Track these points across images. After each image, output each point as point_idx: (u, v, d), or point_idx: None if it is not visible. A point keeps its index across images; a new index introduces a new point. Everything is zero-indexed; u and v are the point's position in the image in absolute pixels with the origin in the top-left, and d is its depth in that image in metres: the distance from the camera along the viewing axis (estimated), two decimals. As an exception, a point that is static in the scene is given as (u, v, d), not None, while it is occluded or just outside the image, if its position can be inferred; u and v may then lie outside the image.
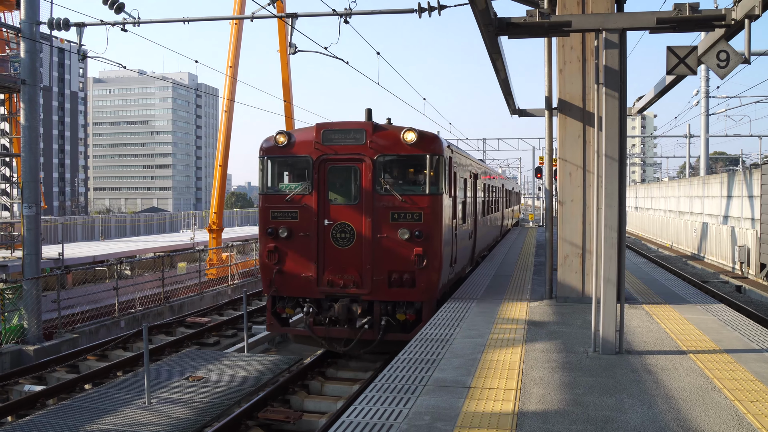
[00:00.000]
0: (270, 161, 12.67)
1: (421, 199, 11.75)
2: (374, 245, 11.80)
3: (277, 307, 12.64)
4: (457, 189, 13.64)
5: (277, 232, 12.28)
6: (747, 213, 28.53)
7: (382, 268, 11.79)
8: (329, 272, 12.09)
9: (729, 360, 8.16)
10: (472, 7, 9.31)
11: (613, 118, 8.47)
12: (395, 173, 12.18)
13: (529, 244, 26.75)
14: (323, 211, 12.14)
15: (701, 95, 45.59)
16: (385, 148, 11.90)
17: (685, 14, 8.22)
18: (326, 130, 12.17)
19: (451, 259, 13.10)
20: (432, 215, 11.69)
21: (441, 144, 12.13)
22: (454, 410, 6.33)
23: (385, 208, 11.78)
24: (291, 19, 17.48)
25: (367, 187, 11.86)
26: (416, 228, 11.61)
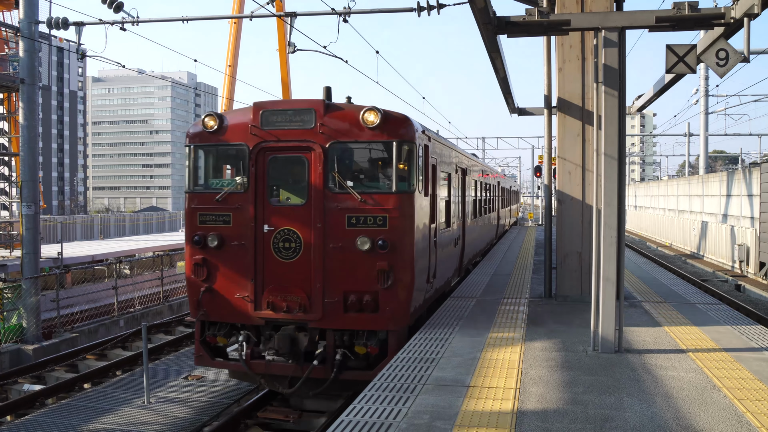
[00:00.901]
0: (197, 151, 10.27)
1: (387, 198, 9.35)
2: (326, 258, 9.39)
3: (207, 335, 10.06)
4: (437, 186, 11.29)
5: (206, 240, 9.82)
6: (746, 212, 28.55)
7: (336, 288, 9.37)
8: (270, 292, 9.61)
9: (728, 359, 8.17)
10: (471, 5, 9.30)
11: (613, 117, 8.47)
12: (353, 165, 9.83)
13: (529, 243, 26.75)
14: (262, 214, 9.68)
15: (700, 94, 45.61)
16: (340, 133, 9.45)
17: (684, 13, 8.22)
18: (266, 110, 9.71)
19: (429, 273, 10.65)
20: (401, 219, 9.34)
21: (412, 128, 9.68)
22: (453, 409, 6.33)
23: (339, 210, 9.38)
24: (290, 18, 17.48)
25: (316, 184, 9.46)
26: (380, 236, 9.22)
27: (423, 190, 9.99)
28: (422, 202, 9.96)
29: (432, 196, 10.75)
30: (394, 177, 9.40)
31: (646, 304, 12.00)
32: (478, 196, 18.75)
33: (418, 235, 9.74)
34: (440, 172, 11.77)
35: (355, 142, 9.55)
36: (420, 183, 9.83)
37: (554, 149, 13.43)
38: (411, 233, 9.46)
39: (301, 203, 9.62)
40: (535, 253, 22.04)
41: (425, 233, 10.24)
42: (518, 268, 17.63)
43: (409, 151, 9.53)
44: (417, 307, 10.14)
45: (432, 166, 10.84)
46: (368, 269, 9.26)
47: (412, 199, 9.49)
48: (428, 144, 10.51)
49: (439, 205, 11.62)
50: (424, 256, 10.21)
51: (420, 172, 9.88)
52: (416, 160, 9.65)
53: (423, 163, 10.09)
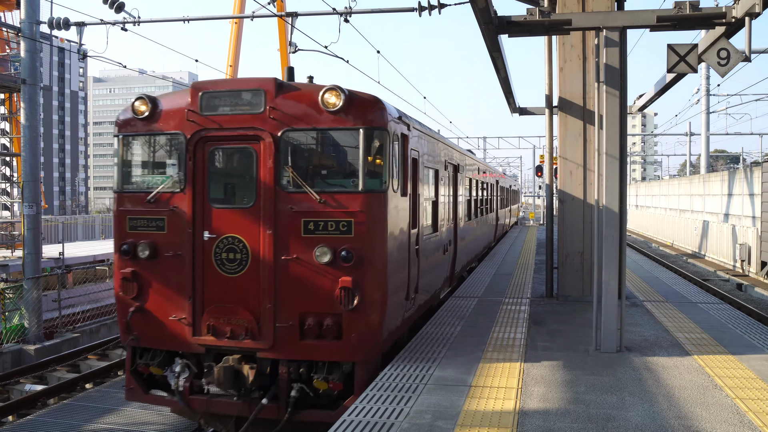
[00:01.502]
0: (127, 142, 8.70)
1: (352, 199, 7.72)
2: (278, 273, 7.79)
3: (139, 364, 8.45)
4: (419, 184, 9.68)
5: (136, 249, 8.28)
6: (748, 211, 28.53)
7: (290, 309, 7.77)
8: (211, 314, 8.02)
9: (730, 358, 8.16)
10: (472, 5, 9.30)
11: (614, 116, 8.47)
12: (311, 158, 8.21)
13: (530, 242, 26.75)
14: (202, 218, 8.09)
15: (702, 93, 45.58)
16: (296, 119, 7.88)
17: (685, 12, 8.22)
18: (206, 92, 8.15)
19: (408, 288, 9.01)
20: (369, 224, 7.73)
21: (384, 113, 8.06)
22: (455, 408, 6.33)
23: (294, 213, 7.77)
24: (291, 18, 17.49)
25: (266, 181, 7.89)
26: (343, 245, 7.61)
27: (400, 188, 8.51)
28: (398, 203, 8.43)
29: (412, 195, 9.24)
30: (361, 172, 7.76)
31: (648, 304, 12.00)
32: (473, 196, 17.35)
33: (393, 244, 8.19)
34: (424, 167, 10.27)
35: (314, 130, 7.95)
36: (395, 180, 8.30)
37: (555, 149, 13.43)
38: (383, 241, 7.89)
39: (248, 205, 8.01)
40: (536, 252, 22.04)
41: (403, 241, 8.69)
42: (520, 267, 17.63)
43: (380, 141, 7.99)
44: (392, 331, 8.43)
45: (412, 160, 9.33)
46: (329, 286, 7.66)
47: (384, 200, 7.92)
48: (407, 134, 8.97)
49: (423, 207, 10.12)
50: (401, 268, 8.62)
51: (395, 166, 8.33)
52: (390, 152, 8.09)
53: (400, 156, 8.60)
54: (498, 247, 24.27)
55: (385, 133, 7.99)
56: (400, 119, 8.67)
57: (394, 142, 8.24)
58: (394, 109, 8.59)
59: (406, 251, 8.86)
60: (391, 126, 8.18)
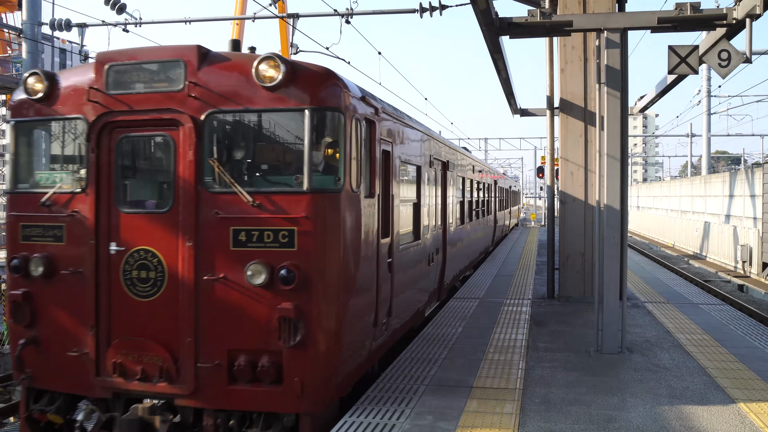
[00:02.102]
0: (20, 129, 7.00)
1: (296, 201, 6.07)
2: (200, 297, 6.16)
3: (33, 410, 6.71)
4: (392, 182, 8.06)
5: (28, 265, 6.61)
6: (749, 212, 28.52)
7: (216, 345, 6.13)
8: (118, 349, 6.32)
9: (731, 359, 8.17)
10: (473, 7, 9.31)
11: (615, 118, 8.48)
12: (243, 149, 6.53)
13: (531, 244, 26.76)
14: (108, 226, 6.42)
15: (703, 94, 45.59)
16: (224, 98, 6.24)
17: (686, 14, 8.23)
18: (114, 65, 6.43)
19: (377, 313, 7.37)
20: (319, 234, 6.08)
21: (338, 90, 6.34)
22: (457, 410, 6.34)
23: (221, 220, 6.13)
24: (292, 20, 17.52)
25: (186, 178, 6.22)
26: (283, 261, 5.99)
27: (364, 188, 6.85)
28: (361, 206, 6.75)
29: (383, 197, 7.66)
30: (307, 167, 6.05)
31: (649, 305, 12.00)
32: (468, 197, 16.03)
33: (352, 258, 6.55)
34: (401, 163, 8.67)
35: (246, 111, 6.29)
36: (356, 177, 6.57)
37: (557, 150, 13.44)
38: (336, 255, 6.20)
39: (163, 210, 6.35)
40: (537, 254, 22.05)
41: (368, 253, 7.04)
42: (521, 268, 17.64)
43: (333, 126, 6.31)
44: (353, 370, 6.78)
45: (383, 153, 7.67)
46: (265, 315, 6.00)
47: (338, 202, 6.22)
48: (374, 119, 7.25)
49: (399, 211, 8.49)
50: (365, 288, 6.98)
51: (358, 159, 6.63)
52: (348, 141, 6.38)
53: (365, 147, 6.98)
54: (498, 249, 24.27)
55: (339, 115, 6.29)
56: (363, 100, 6.95)
57: (354, 128, 6.56)
58: (356, 86, 6.92)
59: (372, 266, 7.22)
60: (350, 107, 6.49)
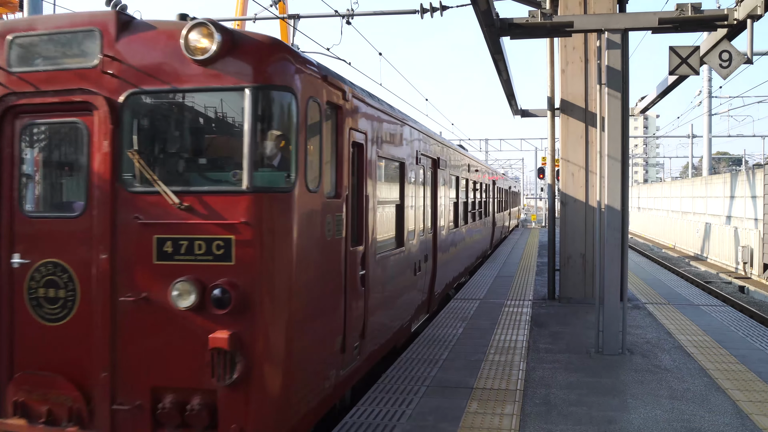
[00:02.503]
0: None
1: (233, 202, 4.98)
2: (118, 322, 5.10)
3: None
4: (367, 181, 7.00)
5: None
6: (750, 213, 28.49)
7: (137, 381, 5.08)
8: (20, 384, 5.30)
9: (732, 360, 8.16)
10: (474, 8, 9.32)
11: (616, 119, 8.47)
12: (170, 138, 5.35)
13: (532, 245, 26.75)
14: (10, 233, 5.39)
15: (704, 95, 45.57)
16: (147, 76, 5.13)
17: (687, 14, 8.23)
18: (18, 36, 5.36)
19: (346, 336, 6.33)
20: (264, 243, 4.99)
21: (288, 65, 5.24)
22: (458, 411, 6.33)
23: (143, 227, 5.07)
24: (293, 20, 17.52)
25: (101, 175, 5.14)
26: (217, 279, 4.94)
27: (328, 186, 5.87)
28: (322, 208, 5.67)
29: (355, 198, 6.69)
30: (248, 160, 4.90)
31: (650, 306, 12.00)
32: (462, 198, 15.22)
33: (308, 272, 5.44)
34: (380, 158, 7.65)
35: (174, 91, 5.14)
36: (316, 173, 5.52)
37: (557, 151, 13.44)
38: (286, 270, 5.11)
39: (75, 214, 5.26)
40: (538, 255, 22.05)
41: (333, 266, 5.97)
42: (521, 270, 17.64)
43: (283, 109, 5.19)
44: (312, 409, 5.68)
45: (355, 145, 6.63)
46: (196, 346, 4.89)
47: (289, 204, 5.12)
48: (342, 105, 6.19)
49: (376, 214, 7.42)
50: (328, 309, 5.88)
51: (318, 152, 5.60)
52: (303, 129, 5.24)
53: (329, 138, 5.93)
54: (498, 251, 24.26)
55: (289, 96, 5.14)
56: (326, 80, 5.77)
57: (312, 113, 5.47)
58: (316, 62, 5.75)
59: (338, 280, 6.14)
60: (306, 87, 5.34)
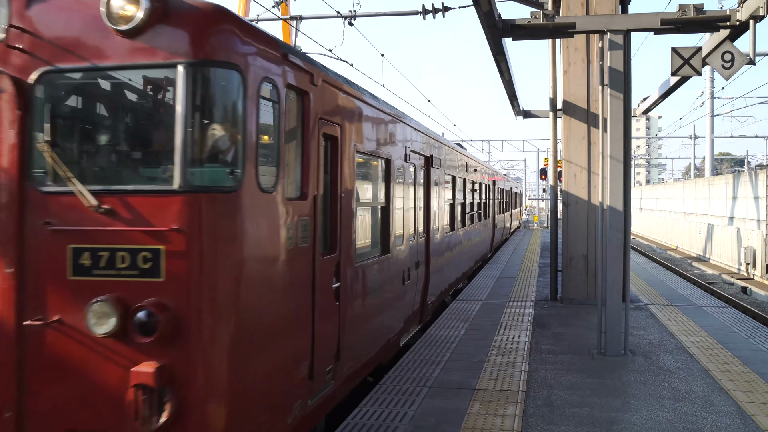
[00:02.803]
0: None
1: (163, 205, 4.14)
2: (25, 351, 4.28)
3: None
4: (341, 179, 6.13)
5: None
6: (753, 214, 28.45)
7: (48, 422, 4.26)
8: None
9: (735, 362, 8.15)
10: (476, 9, 9.32)
11: (618, 120, 8.47)
12: (89, 126, 4.64)
13: (534, 246, 26.74)
14: None
15: (706, 96, 45.49)
16: (62, 50, 4.26)
17: (689, 15, 8.23)
18: None
19: (314, 361, 5.47)
20: (202, 255, 4.14)
21: (234, 36, 4.37)
22: (460, 412, 6.33)
23: (54, 234, 4.23)
24: (296, 22, 17.54)
25: (6, 170, 4.32)
26: (143, 298, 4.09)
27: (290, 186, 5.02)
28: (281, 211, 4.80)
29: (328, 199, 5.87)
30: (181, 152, 4.06)
31: (652, 307, 11.98)
32: (460, 199, 14.56)
33: (261, 289, 4.56)
34: (359, 154, 6.79)
35: (94, 69, 4.27)
36: (274, 170, 4.70)
37: (560, 152, 13.43)
38: (229, 287, 4.25)
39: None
40: (540, 256, 22.03)
41: (295, 279, 5.08)
42: (523, 271, 17.62)
43: (227, 90, 4.31)
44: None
45: (327, 138, 5.82)
46: (116, 381, 4.08)
47: (235, 206, 4.28)
48: (309, 90, 5.31)
49: (355, 217, 6.56)
50: (289, 332, 4.99)
51: (276, 144, 4.76)
52: (254, 115, 4.39)
53: (292, 127, 5.09)
54: (500, 253, 24.25)
55: (234, 75, 4.24)
56: (286, 59, 4.90)
57: (267, 96, 4.61)
58: (274, 38, 4.84)
59: (304, 296, 5.28)
60: (258, 65, 4.48)
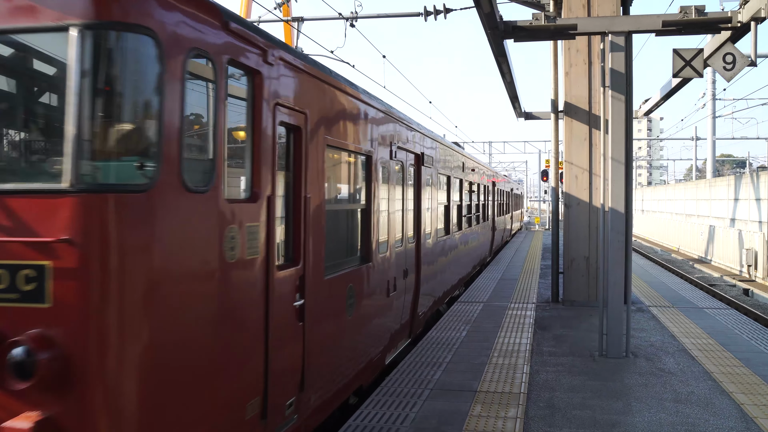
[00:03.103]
0: None
1: (49, 208, 3.23)
2: None
3: None
4: (305, 176, 5.30)
5: None
6: (754, 216, 28.43)
7: None
8: None
9: (737, 364, 8.13)
10: (477, 10, 9.32)
11: (619, 121, 8.46)
12: None
13: (535, 248, 26.72)
14: None
15: (707, 98, 45.46)
16: None
17: (691, 17, 8.22)
18: None
19: (268, 398, 4.73)
20: (104, 274, 3.22)
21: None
22: (461, 414, 6.32)
23: None
24: (297, 23, 17.55)
25: None
26: (22, 329, 3.20)
27: (238, 185, 4.41)
28: (216, 217, 4.02)
29: (290, 201, 5.11)
30: (74, 141, 3.27)
31: (654, 309, 11.96)
32: (456, 201, 13.78)
33: (185, 317, 3.77)
34: (330, 148, 5.86)
35: None
36: (203, 165, 3.99)
37: (561, 153, 13.42)
38: (139, 317, 3.44)
39: None
40: (541, 257, 22.02)
41: (241, 300, 4.32)
42: (525, 272, 17.61)
43: (136, 61, 3.54)
44: None
45: (287, 128, 5.04)
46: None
47: (148, 210, 3.51)
48: (260, 68, 4.50)
49: (322, 223, 5.63)
50: (228, 366, 4.22)
51: (214, 132, 4.02)
52: (168, 92, 3.58)
53: (239, 113, 4.41)
54: (501, 254, 24.23)
55: (147, 42, 3.46)
56: (228, 29, 4.13)
57: (198, 72, 3.86)
58: (208, 0, 4.02)
59: (253, 318, 4.45)
60: (184, 32, 3.71)
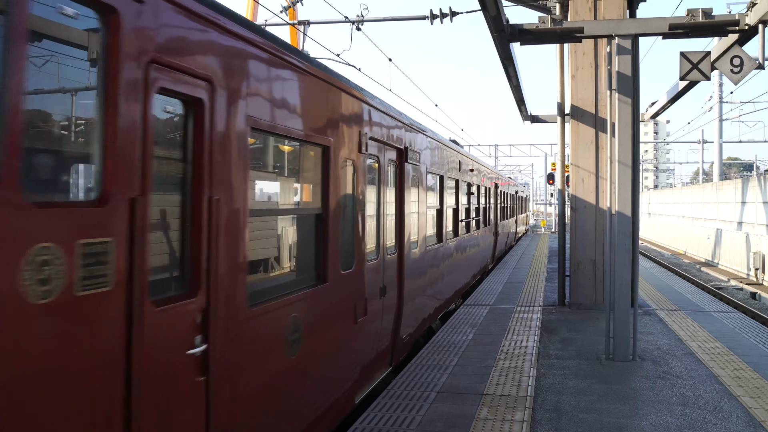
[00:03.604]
0: None
1: None
2: None
3: None
4: (213, 172, 3.80)
5: None
6: (762, 219, 28.31)
7: None
8: None
9: (744, 367, 8.10)
10: (484, 14, 9.32)
11: (626, 124, 8.45)
12: None
13: (542, 251, 26.67)
14: None
15: (714, 100, 45.32)
16: None
17: (698, 20, 8.21)
18: None
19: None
20: None
21: None
22: (467, 417, 6.31)
23: None
24: (303, 26, 17.60)
25: None
26: None
27: (61, 180, 3.08)
28: (8, 231, 2.40)
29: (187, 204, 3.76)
30: None
31: (661, 312, 11.93)
32: (451, 204, 12.68)
33: None
34: (255, 131, 4.47)
35: None
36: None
37: (567, 156, 13.41)
38: None
39: None
40: (548, 260, 21.98)
41: (73, 358, 2.73)
42: (531, 275, 17.59)
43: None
44: None
45: (179, 98, 3.66)
46: None
47: None
48: (115, 5, 2.97)
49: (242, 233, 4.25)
50: None
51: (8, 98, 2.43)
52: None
53: (89, 70, 3.05)
54: (507, 258, 24.19)
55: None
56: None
57: None
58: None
59: (101, 389, 2.97)
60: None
